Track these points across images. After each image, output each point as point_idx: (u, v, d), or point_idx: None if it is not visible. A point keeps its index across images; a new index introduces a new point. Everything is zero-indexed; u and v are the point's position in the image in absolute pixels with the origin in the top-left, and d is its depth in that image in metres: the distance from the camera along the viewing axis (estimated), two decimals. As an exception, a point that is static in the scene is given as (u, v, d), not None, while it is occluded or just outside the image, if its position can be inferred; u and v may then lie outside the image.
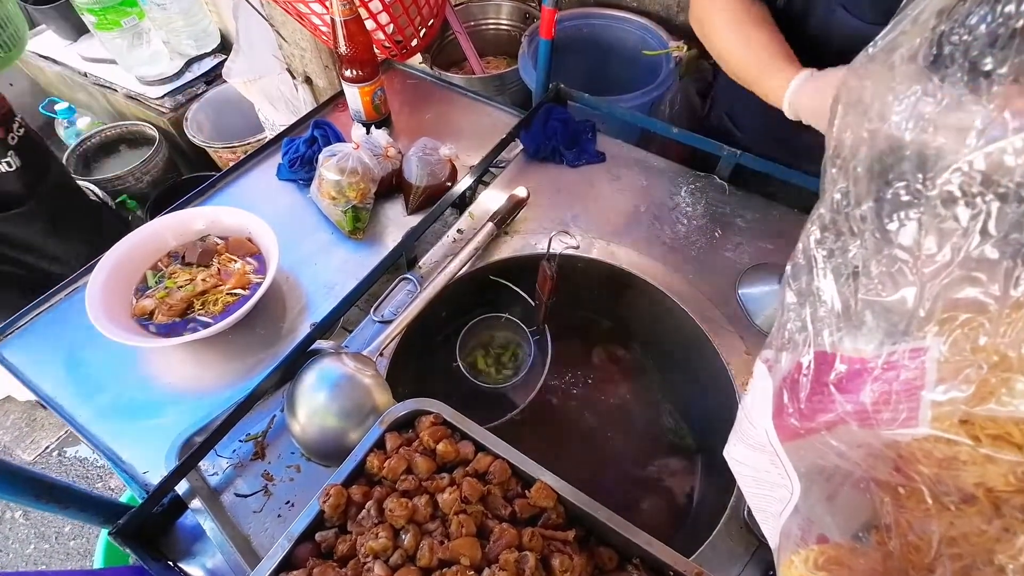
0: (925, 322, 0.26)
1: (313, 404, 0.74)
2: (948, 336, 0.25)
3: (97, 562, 1.38)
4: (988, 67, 0.24)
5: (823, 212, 0.32)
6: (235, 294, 0.92)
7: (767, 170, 0.98)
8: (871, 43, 0.31)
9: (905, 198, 0.27)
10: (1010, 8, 0.23)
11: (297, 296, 0.95)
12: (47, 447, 1.93)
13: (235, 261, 0.95)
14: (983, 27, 0.24)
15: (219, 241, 0.98)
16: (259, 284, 0.91)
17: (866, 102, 0.30)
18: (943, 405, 0.25)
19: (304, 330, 0.89)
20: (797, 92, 0.72)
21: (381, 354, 0.81)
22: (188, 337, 0.83)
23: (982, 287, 0.24)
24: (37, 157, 1.20)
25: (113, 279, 0.89)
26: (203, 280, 0.92)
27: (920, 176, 0.26)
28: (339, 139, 1.10)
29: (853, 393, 0.29)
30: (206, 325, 0.87)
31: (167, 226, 0.97)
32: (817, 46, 0.80)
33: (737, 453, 0.45)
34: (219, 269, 0.94)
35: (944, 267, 0.25)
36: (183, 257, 0.95)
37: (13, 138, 1.12)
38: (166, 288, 0.91)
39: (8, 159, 1.12)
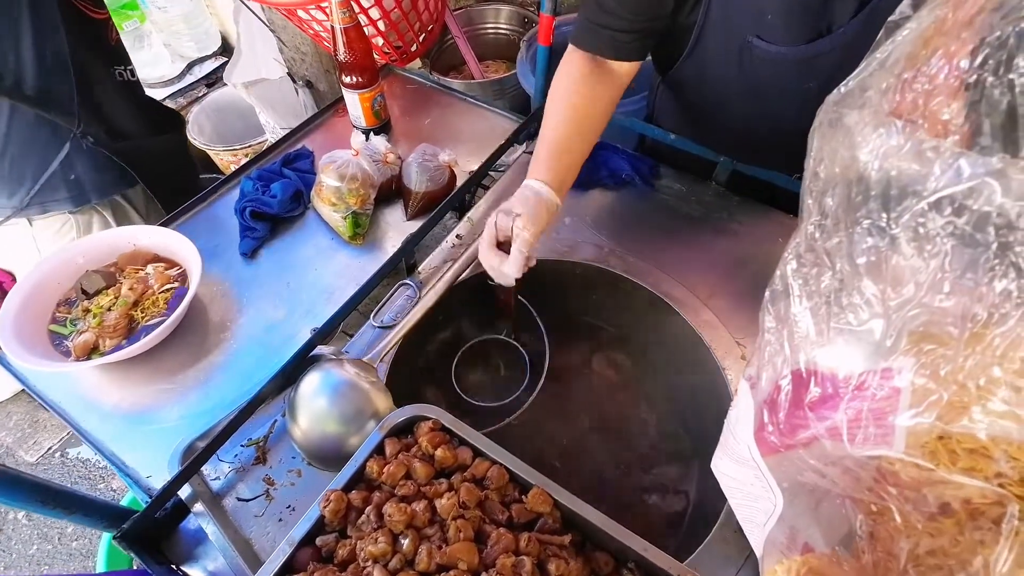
0: (891, 352, 0.27)
1: (314, 409, 0.75)
2: (913, 366, 0.26)
3: (100, 563, 1.39)
4: (946, 117, 0.26)
5: (799, 242, 0.34)
6: (169, 288, 0.90)
7: (765, 176, 0.99)
8: (844, 81, 0.32)
9: (873, 234, 0.28)
10: (964, 63, 0.25)
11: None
12: (49, 448, 1.94)
13: (141, 269, 0.93)
14: (941, 77, 0.25)
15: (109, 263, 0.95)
16: (183, 274, 0.91)
17: (839, 138, 0.31)
18: (915, 429, 0.26)
19: (301, 332, 0.90)
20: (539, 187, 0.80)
21: (381, 360, 0.82)
22: (161, 332, 0.83)
23: (942, 322, 0.26)
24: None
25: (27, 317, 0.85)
26: (130, 289, 0.88)
27: (885, 215, 0.27)
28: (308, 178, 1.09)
29: (827, 413, 0.30)
30: (162, 324, 0.84)
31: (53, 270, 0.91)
32: (729, 80, 0.85)
33: (723, 466, 0.46)
34: (134, 280, 0.91)
35: (908, 301, 0.27)
36: (84, 291, 0.90)
37: None
38: (95, 316, 0.86)
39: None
